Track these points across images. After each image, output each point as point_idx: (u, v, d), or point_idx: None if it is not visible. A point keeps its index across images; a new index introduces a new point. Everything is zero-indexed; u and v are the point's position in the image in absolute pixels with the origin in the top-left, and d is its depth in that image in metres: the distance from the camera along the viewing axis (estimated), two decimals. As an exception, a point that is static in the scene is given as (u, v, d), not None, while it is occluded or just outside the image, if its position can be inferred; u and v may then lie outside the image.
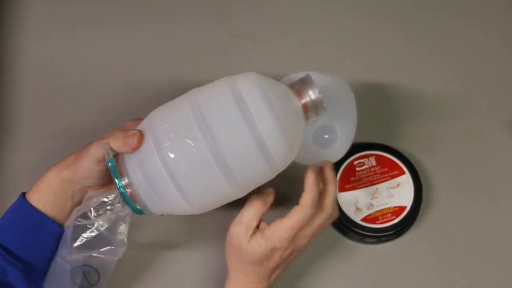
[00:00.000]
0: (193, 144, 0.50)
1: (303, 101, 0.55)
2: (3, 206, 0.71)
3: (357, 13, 0.87)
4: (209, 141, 0.50)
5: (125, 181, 0.53)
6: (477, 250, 0.73)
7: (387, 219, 0.72)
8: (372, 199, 0.73)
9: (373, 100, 0.82)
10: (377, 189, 0.74)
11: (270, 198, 0.60)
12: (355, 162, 0.75)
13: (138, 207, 0.54)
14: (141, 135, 0.53)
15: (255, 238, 0.58)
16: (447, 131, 0.80)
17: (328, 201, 0.59)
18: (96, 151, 0.56)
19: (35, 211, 0.61)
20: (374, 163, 0.75)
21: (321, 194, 0.59)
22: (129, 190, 0.53)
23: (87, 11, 0.84)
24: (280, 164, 0.54)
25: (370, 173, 0.74)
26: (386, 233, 0.72)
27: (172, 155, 0.50)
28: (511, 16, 0.88)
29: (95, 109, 0.78)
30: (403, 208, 0.73)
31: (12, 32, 0.82)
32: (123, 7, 0.85)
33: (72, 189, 0.61)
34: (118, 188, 0.53)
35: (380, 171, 0.74)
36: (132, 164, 0.52)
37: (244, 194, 0.55)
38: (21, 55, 0.80)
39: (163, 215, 0.56)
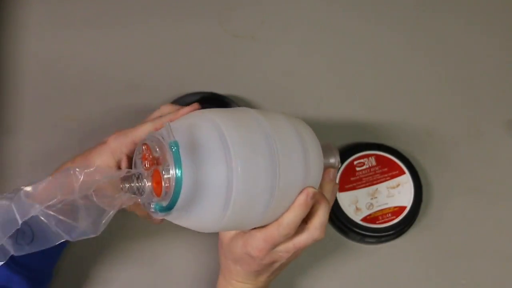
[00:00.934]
0: (264, 167, 0.49)
1: (325, 161, 0.57)
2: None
3: (357, 13, 0.87)
4: (275, 170, 0.49)
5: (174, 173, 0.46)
6: (477, 250, 0.73)
7: (387, 219, 0.72)
8: (372, 199, 0.73)
9: (373, 100, 0.82)
10: (377, 189, 0.74)
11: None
12: (355, 162, 0.75)
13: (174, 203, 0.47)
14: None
15: (236, 238, 0.56)
16: (447, 131, 0.80)
17: (315, 223, 0.54)
18: (141, 214, 0.57)
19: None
20: (374, 163, 0.75)
21: (310, 213, 0.55)
22: (167, 184, 0.46)
23: (87, 11, 0.84)
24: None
25: (370, 173, 0.74)
26: (386, 233, 0.72)
27: (239, 169, 0.47)
28: (511, 16, 0.88)
29: (95, 109, 0.78)
30: (403, 208, 0.73)
31: (12, 32, 0.82)
32: (123, 7, 0.85)
33: None
34: (177, 177, 0.45)
35: (380, 171, 0.74)
36: (189, 165, 0.47)
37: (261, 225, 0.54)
38: (21, 55, 0.80)
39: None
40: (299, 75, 0.82)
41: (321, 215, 0.54)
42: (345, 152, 0.76)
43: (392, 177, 0.74)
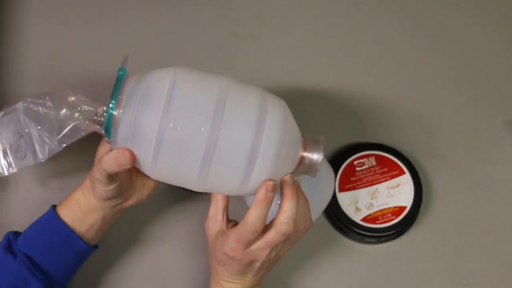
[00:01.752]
0: (197, 128, 0.51)
1: (303, 154, 0.55)
2: (4, 205, 0.71)
3: (357, 13, 0.87)
4: (213, 134, 0.51)
5: (117, 110, 0.51)
6: (477, 250, 0.73)
7: (387, 219, 0.72)
8: (372, 199, 0.73)
9: (373, 100, 0.82)
10: (377, 189, 0.74)
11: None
12: (355, 162, 0.75)
13: (109, 135, 0.53)
14: (131, 153, 0.52)
15: (216, 238, 0.57)
16: (447, 131, 0.80)
17: (282, 218, 0.54)
18: (99, 175, 0.56)
19: (63, 226, 0.60)
20: (374, 163, 0.75)
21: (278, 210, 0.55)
22: (115, 113, 0.51)
23: (87, 11, 0.84)
24: (250, 187, 0.53)
25: (370, 173, 0.74)
26: (386, 233, 0.72)
27: (172, 125, 0.50)
28: (511, 16, 0.88)
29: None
30: (403, 208, 0.73)
31: (12, 32, 0.82)
32: (123, 7, 0.85)
33: (102, 210, 0.61)
34: (110, 103, 0.51)
35: (380, 171, 0.74)
36: (133, 104, 0.52)
37: (202, 191, 0.55)
38: (21, 55, 0.80)
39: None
40: (299, 75, 0.82)
41: (286, 208, 0.54)
42: (345, 152, 0.76)
43: (392, 177, 0.74)
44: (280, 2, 0.87)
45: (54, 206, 0.62)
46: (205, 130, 0.50)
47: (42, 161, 0.62)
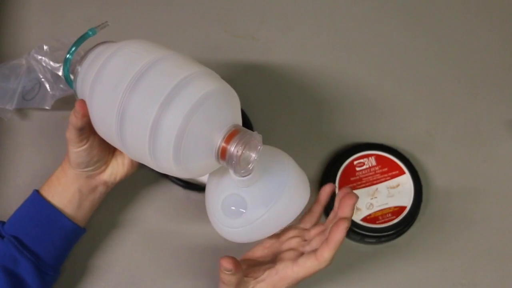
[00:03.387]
0: (114, 88, 0.53)
1: (223, 144, 0.52)
2: (4, 205, 0.71)
3: (357, 13, 0.87)
4: (124, 96, 0.52)
5: (79, 67, 0.60)
6: (477, 250, 0.73)
7: (387, 219, 0.72)
8: (372, 199, 0.73)
9: (373, 100, 0.82)
10: (377, 189, 0.74)
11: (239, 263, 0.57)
12: (355, 162, 0.75)
13: (69, 82, 0.63)
14: (81, 103, 0.57)
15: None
16: (447, 131, 0.80)
17: (327, 257, 0.55)
18: (68, 134, 0.60)
19: (44, 201, 0.63)
20: (374, 163, 0.75)
21: None
22: (78, 68, 0.60)
23: (87, 12, 0.84)
24: (162, 162, 0.52)
25: (370, 173, 0.74)
26: (386, 233, 0.72)
27: (99, 81, 0.55)
28: (511, 16, 0.88)
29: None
30: (403, 208, 0.73)
31: (12, 32, 0.82)
32: (123, 7, 0.85)
33: (78, 182, 0.63)
34: (68, 53, 0.62)
35: (380, 171, 0.74)
36: (87, 63, 0.59)
37: (133, 158, 0.58)
38: (21, 55, 0.80)
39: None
40: (299, 75, 0.82)
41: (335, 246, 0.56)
42: (345, 152, 0.76)
43: (392, 177, 0.74)
44: (280, 2, 0.87)
45: (36, 191, 0.64)
46: (119, 92, 0.52)
47: (47, 108, 0.73)
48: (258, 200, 0.56)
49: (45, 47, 0.73)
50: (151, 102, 0.51)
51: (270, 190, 0.56)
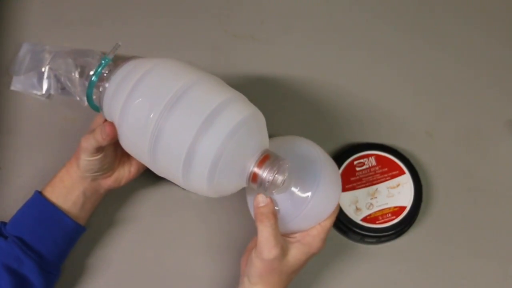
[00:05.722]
0: (148, 114, 0.54)
1: (255, 169, 0.55)
2: (4, 205, 0.71)
3: (357, 13, 0.87)
4: (159, 121, 0.53)
5: (102, 85, 0.59)
6: (477, 250, 0.73)
7: (387, 219, 0.72)
8: (372, 199, 0.73)
9: (373, 100, 0.82)
10: (377, 189, 0.74)
11: (274, 212, 0.58)
12: (355, 162, 0.75)
13: (90, 101, 0.62)
14: (111, 127, 0.58)
15: (297, 248, 0.58)
16: (447, 131, 0.80)
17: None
18: (86, 144, 0.60)
19: (48, 203, 0.63)
20: (374, 163, 0.75)
21: None
22: (101, 89, 0.59)
23: (86, 11, 0.84)
24: (194, 184, 0.55)
25: (370, 173, 0.74)
26: (386, 233, 0.72)
27: (131, 107, 0.55)
28: (511, 16, 0.88)
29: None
30: (403, 208, 0.73)
31: (12, 32, 0.82)
32: (123, 7, 0.85)
33: (83, 185, 0.64)
34: (92, 76, 0.60)
35: (380, 171, 0.74)
36: (115, 83, 0.58)
37: (159, 174, 0.58)
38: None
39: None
40: (299, 75, 0.82)
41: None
42: (345, 152, 0.76)
43: (392, 177, 0.74)
44: (280, 2, 0.87)
45: (38, 192, 0.64)
46: (154, 117, 0.53)
47: (78, 99, 0.74)
48: (288, 207, 0.58)
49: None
50: (187, 128, 0.52)
51: (299, 197, 0.58)
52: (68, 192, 0.64)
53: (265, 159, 0.55)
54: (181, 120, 0.53)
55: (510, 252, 0.74)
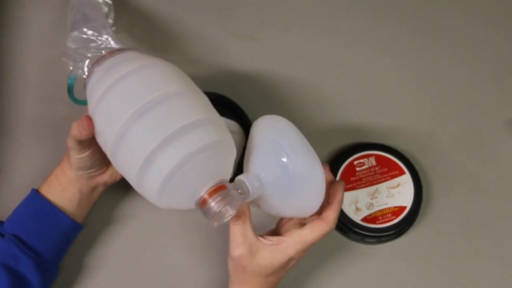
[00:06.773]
0: (118, 116, 0.54)
1: (205, 196, 0.53)
2: (4, 205, 0.71)
3: (358, 14, 0.87)
4: (130, 119, 0.53)
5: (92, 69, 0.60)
6: (477, 250, 0.74)
7: (387, 219, 0.72)
8: (372, 199, 0.73)
9: (373, 100, 0.82)
10: (377, 189, 0.74)
11: (245, 212, 0.58)
12: (355, 162, 0.75)
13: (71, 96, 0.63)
14: (88, 121, 0.57)
15: (269, 251, 0.57)
16: (447, 131, 0.80)
17: (332, 218, 0.58)
18: (69, 142, 0.60)
19: (44, 200, 0.63)
20: (374, 163, 0.75)
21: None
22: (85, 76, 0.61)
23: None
24: (146, 189, 0.54)
25: (370, 173, 0.74)
26: (386, 233, 0.72)
27: (104, 102, 0.56)
28: (511, 16, 0.88)
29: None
30: (403, 208, 0.73)
31: (12, 32, 0.82)
32: (123, 7, 0.85)
33: (78, 182, 0.64)
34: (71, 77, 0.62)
35: (380, 171, 0.74)
36: (97, 76, 0.58)
37: (118, 170, 0.58)
38: (21, 55, 0.80)
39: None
40: (299, 75, 0.82)
41: (338, 209, 0.59)
42: (345, 152, 0.76)
43: (392, 177, 0.74)
44: (280, 2, 0.87)
45: (35, 189, 0.65)
46: (126, 112, 0.53)
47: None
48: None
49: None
50: (157, 133, 0.52)
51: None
52: (64, 189, 0.64)
53: (219, 189, 0.53)
54: (153, 123, 0.53)
55: (510, 252, 0.74)
